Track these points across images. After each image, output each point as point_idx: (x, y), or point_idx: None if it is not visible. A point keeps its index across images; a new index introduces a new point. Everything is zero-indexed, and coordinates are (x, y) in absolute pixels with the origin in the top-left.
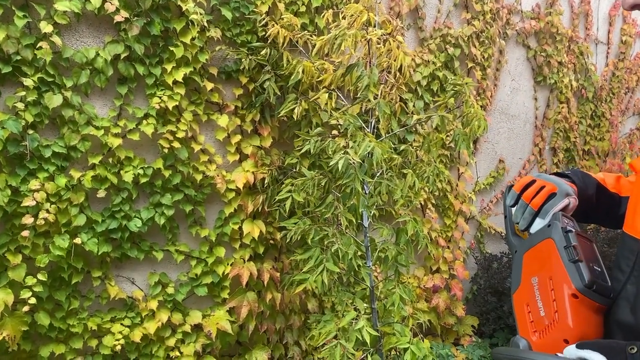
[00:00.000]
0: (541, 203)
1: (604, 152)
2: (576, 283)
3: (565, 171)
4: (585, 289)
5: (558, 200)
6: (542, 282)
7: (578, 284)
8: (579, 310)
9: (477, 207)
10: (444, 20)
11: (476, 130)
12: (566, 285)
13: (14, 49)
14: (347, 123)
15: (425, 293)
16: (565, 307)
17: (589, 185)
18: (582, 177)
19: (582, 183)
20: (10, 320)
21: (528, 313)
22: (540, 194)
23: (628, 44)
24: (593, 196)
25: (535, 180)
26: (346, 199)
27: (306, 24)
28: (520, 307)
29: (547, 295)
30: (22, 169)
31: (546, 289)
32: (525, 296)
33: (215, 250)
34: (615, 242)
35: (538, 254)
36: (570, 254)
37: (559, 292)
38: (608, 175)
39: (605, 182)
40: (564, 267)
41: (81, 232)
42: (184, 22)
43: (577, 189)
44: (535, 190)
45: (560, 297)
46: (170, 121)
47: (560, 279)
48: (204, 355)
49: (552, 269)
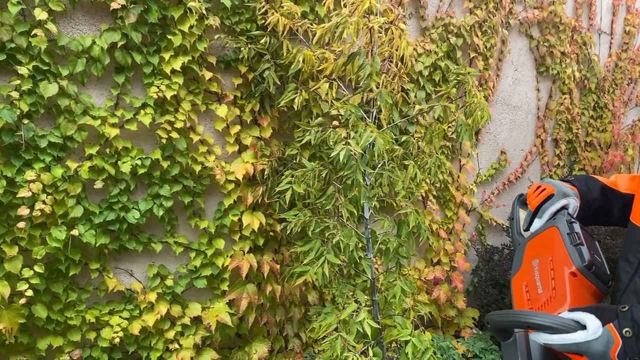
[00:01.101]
0: (538, 204)
1: (606, 144)
2: (576, 263)
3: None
4: (584, 268)
5: (555, 201)
6: (543, 263)
7: (578, 264)
8: (577, 289)
9: (479, 198)
10: (446, 9)
11: (479, 121)
12: (566, 264)
13: (8, 37)
14: (348, 113)
15: (426, 285)
16: (563, 284)
17: (592, 188)
18: (585, 181)
19: (583, 186)
20: (7, 312)
21: (526, 292)
22: (539, 196)
23: (631, 34)
24: (599, 199)
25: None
26: (347, 190)
27: (306, 12)
28: (518, 287)
29: (547, 275)
30: (18, 159)
31: (546, 269)
32: (525, 277)
33: (215, 242)
34: (618, 234)
35: (541, 241)
36: (573, 239)
37: (558, 271)
38: (621, 176)
39: (617, 185)
40: (566, 249)
41: (78, 224)
42: (182, 9)
43: (579, 191)
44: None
45: (560, 275)
46: (168, 111)
47: (561, 259)
48: (204, 347)
49: (554, 250)
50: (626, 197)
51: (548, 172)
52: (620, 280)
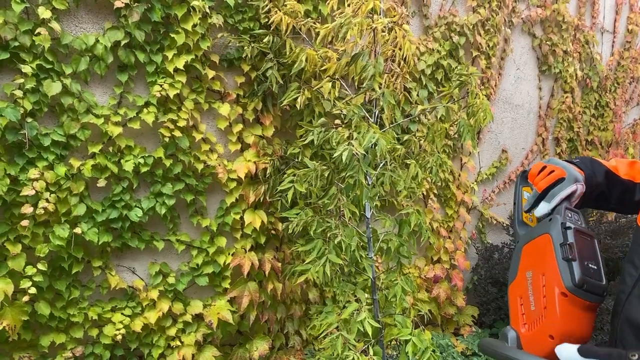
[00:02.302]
0: (546, 186)
1: (607, 143)
2: (567, 282)
3: (574, 159)
4: (574, 288)
5: (566, 186)
6: (536, 277)
7: (568, 283)
8: (568, 308)
9: (479, 197)
10: (449, 7)
11: (481, 122)
12: (557, 283)
13: (12, 35)
14: (351, 113)
15: (426, 283)
16: (554, 304)
17: (597, 172)
18: (590, 164)
19: (590, 170)
20: (10, 309)
21: (520, 306)
22: (547, 178)
23: (634, 33)
24: (603, 184)
25: (546, 166)
26: (349, 190)
27: (310, 10)
28: (514, 299)
29: (539, 291)
30: (21, 157)
31: (538, 285)
32: (519, 289)
33: (217, 240)
34: (618, 234)
35: (535, 248)
36: (565, 252)
37: (549, 289)
38: (620, 161)
39: (618, 169)
40: (557, 264)
41: (81, 222)
42: (185, 8)
43: (585, 176)
44: (545, 175)
45: (551, 294)
46: (171, 109)
47: (552, 276)
48: (205, 344)
49: (546, 265)
50: (626, 183)
51: None
52: (626, 283)
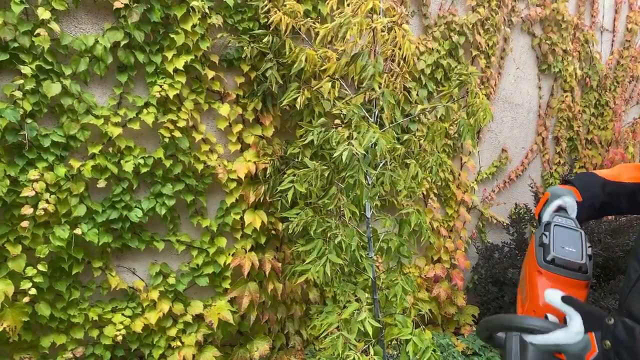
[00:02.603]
0: (539, 211)
1: (607, 142)
2: (539, 260)
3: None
4: (545, 264)
5: (551, 202)
6: (524, 270)
7: (540, 261)
8: (545, 284)
9: (479, 196)
10: (449, 7)
11: (481, 121)
12: (532, 264)
13: (11, 36)
14: (351, 113)
15: (426, 282)
16: (532, 283)
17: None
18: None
19: (582, 184)
20: (10, 310)
21: (519, 298)
22: (538, 204)
23: (634, 31)
24: (600, 195)
25: None
26: (349, 190)
27: (309, 10)
28: (518, 297)
29: (526, 284)
30: (21, 158)
31: (526, 279)
32: (520, 286)
33: (217, 240)
34: (618, 233)
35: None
36: (540, 240)
37: (529, 272)
38: (625, 166)
39: (620, 176)
40: (534, 251)
41: (81, 223)
42: (184, 8)
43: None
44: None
45: (530, 275)
46: (171, 110)
47: (530, 261)
48: (205, 345)
49: (529, 256)
50: (630, 186)
51: (549, 170)
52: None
